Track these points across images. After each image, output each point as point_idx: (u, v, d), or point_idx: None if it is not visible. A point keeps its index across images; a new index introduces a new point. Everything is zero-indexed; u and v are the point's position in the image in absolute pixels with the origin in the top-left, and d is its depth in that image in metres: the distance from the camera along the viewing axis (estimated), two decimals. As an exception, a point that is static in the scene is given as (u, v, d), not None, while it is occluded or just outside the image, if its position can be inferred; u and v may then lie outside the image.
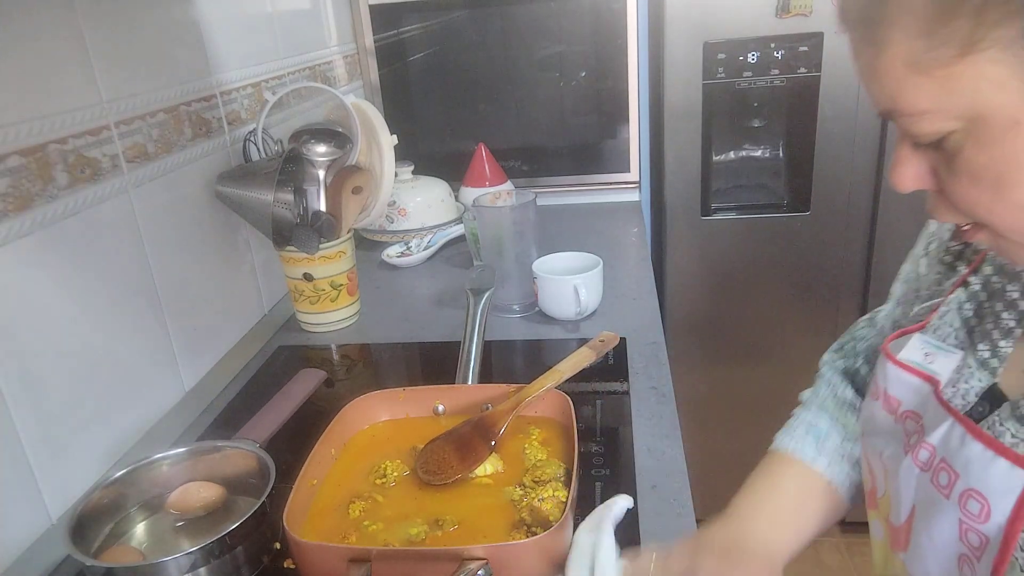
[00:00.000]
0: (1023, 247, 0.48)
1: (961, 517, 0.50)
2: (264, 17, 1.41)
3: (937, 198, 0.50)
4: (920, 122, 0.45)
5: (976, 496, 0.49)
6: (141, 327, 1.01)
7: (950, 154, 0.46)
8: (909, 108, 0.45)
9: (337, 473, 0.82)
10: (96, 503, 0.77)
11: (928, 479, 0.53)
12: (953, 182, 0.47)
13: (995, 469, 0.48)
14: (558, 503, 0.72)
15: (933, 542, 0.53)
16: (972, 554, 0.50)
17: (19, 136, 0.80)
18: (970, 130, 0.44)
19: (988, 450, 0.49)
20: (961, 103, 0.43)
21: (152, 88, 1.03)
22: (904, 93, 0.45)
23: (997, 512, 0.48)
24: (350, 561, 0.64)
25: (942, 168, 0.47)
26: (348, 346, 1.26)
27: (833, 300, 1.87)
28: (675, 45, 1.68)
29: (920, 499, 0.54)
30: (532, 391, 0.86)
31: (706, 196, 1.82)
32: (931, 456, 0.53)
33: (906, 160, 0.49)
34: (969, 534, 0.50)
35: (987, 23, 0.40)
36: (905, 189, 0.50)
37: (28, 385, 0.81)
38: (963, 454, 0.50)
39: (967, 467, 0.50)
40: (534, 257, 1.26)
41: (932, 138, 0.46)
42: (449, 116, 1.93)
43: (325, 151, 1.24)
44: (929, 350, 0.59)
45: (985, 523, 0.48)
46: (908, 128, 0.46)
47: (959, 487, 0.50)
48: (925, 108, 0.44)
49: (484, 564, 0.62)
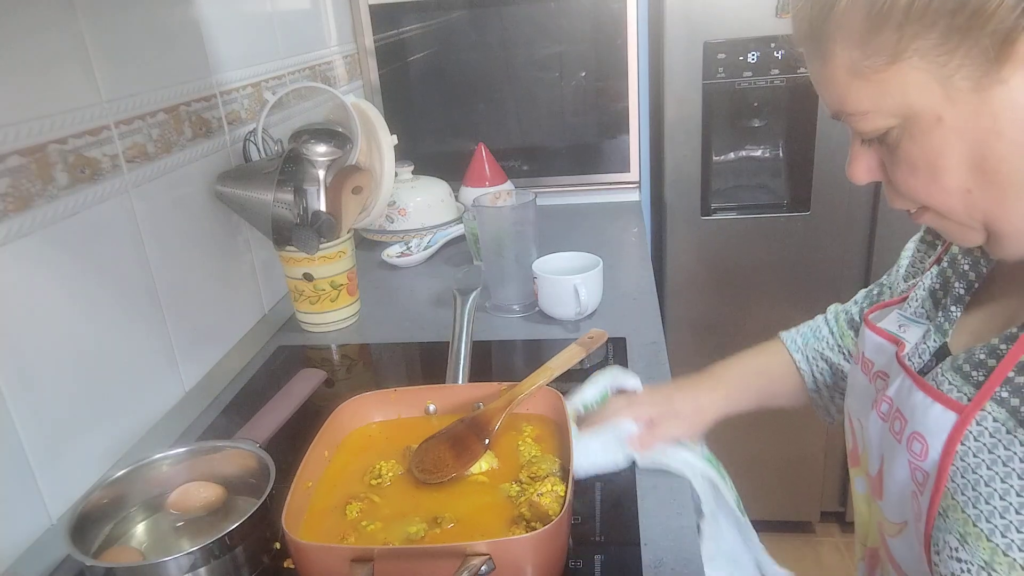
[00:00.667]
0: (961, 226, 0.55)
1: (909, 458, 0.57)
2: (264, 17, 1.41)
3: (888, 188, 0.57)
4: (863, 120, 0.52)
5: (918, 438, 0.57)
6: (141, 327, 1.01)
7: (891, 147, 0.53)
8: (853, 109, 0.52)
9: (332, 474, 0.82)
10: (96, 503, 0.77)
11: (887, 428, 0.62)
12: (895, 172, 0.54)
13: (932, 412, 0.56)
14: (557, 498, 0.73)
15: (896, 484, 0.60)
16: (918, 489, 0.57)
17: (19, 136, 0.80)
18: (905, 126, 0.51)
19: (928, 397, 0.57)
20: (894, 103, 0.50)
21: (152, 88, 1.03)
22: (848, 96, 0.52)
23: (932, 450, 0.55)
24: (352, 561, 0.64)
25: (887, 160, 0.55)
26: (348, 346, 1.26)
27: (833, 300, 1.86)
28: (675, 45, 1.68)
29: (884, 448, 0.62)
30: (524, 388, 0.87)
31: (706, 196, 1.82)
32: (889, 408, 0.62)
33: (858, 156, 0.57)
34: (916, 472, 0.57)
35: (908, 35, 0.47)
36: (859, 181, 0.58)
37: (28, 385, 0.81)
38: (910, 402, 0.58)
39: (912, 413, 0.58)
40: (534, 257, 1.26)
41: (875, 134, 0.53)
42: (449, 116, 1.93)
43: (325, 151, 1.24)
44: (903, 322, 0.67)
45: (925, 460, 0.56)
46: (855, 126, 0.54)
47: (907, 431, 0.58)
48: (866, 108, 0.51)
49: (487, 559, 0.62)
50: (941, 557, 0.53)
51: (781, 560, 0.88)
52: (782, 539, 2.14)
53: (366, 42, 1.88)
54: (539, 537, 0.65)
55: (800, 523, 2.18)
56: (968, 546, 0.51)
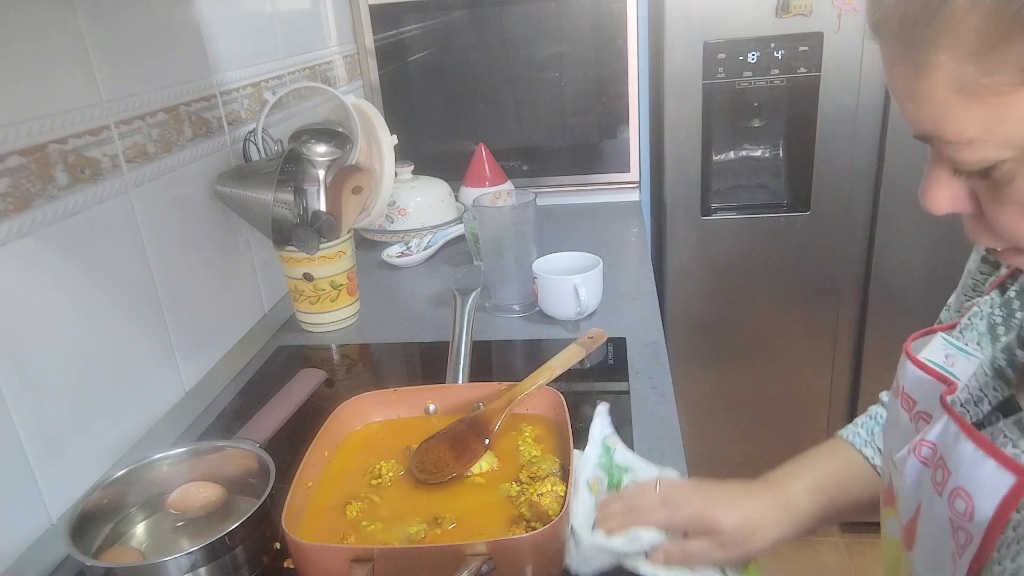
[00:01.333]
0: None
1: (951, 515, 0.49)
2: (264, 17, 1.41)
3: (976, 221, 0.47)
4: (965, 150, 0.42)
5: (962, 495, 0.48)
6: (141, 327, 1.01)
7: (998, 183, 0.43)
8: (954, 135, 0.42)
9: (331, 474, 0.82)
10: (96, 503, 0.77)
11: (929, 475, 0.53)
12: (999, 211, 0.44)
13: (983, 469, 0.47)
14: (557, 498, 0.72)
15: (932, 538, 0.52)
16: (958, 552, 0.49)
17: (19, 136, 0.80)
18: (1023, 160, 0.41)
19: (979, 450, 0.47)
20: (1015, 132, 0.40)
21: (152, 88, 1.03)
22: (949, 119, 0.41)
23: (980, 512, 0.46)
24: (353, 561, 0.64)
25: (985, 195, 0.45)
26: (348, 346, 1.26)
27: (833, 300, 1.87)
28: (675, 45, 1.68)
29: (923, 496, 0.54)
30: (524, 388, 0.87)
31: (706, 196, 1.82)
32: (932, 453, 0.52)
33: (942, 183, 0.46)
34: (959, 532, 0.49)
35: None
36: (939, 212, 0.48)
37: (28, 385, 0.81)
38: (956, 452, 0.49)
39: (959, 465, 0.49)
40: (534, 257, 1.26)
41: (978, 167, 0.42)
42: (449, 116, 1.93)
43: (325, 151, 1.24)
44: (950, 351, 0.57)
45: (970, 522, 0.47)
46: (954, 155, 0.43)
47: (950, 485, 0.49)
48: (973, 136, 0.41)
49: (487, 559, 0.62)
50: None
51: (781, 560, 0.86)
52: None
53: (366, 42, 1.88)
54: (539, 537, 0.65)
55: (800, 523, 2.17)
56: None
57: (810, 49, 1.64)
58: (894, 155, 1.69)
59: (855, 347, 1.90)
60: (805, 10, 1.61)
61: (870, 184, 1.75)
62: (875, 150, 1.71)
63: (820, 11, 1.61)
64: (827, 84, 1.67)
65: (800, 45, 1.65)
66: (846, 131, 1.71)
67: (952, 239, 1.71)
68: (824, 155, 1.73)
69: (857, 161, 1.73)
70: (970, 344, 0.57)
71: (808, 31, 1.63)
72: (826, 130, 1.71)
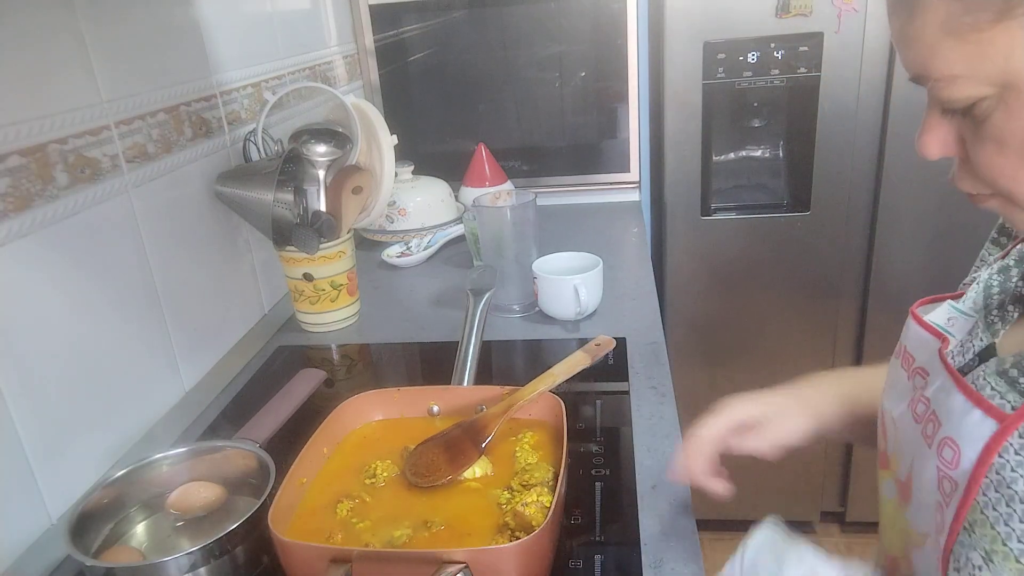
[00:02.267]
0: None
1: (938, 464, 0.53)
2: (264, 17, 1.41)
3: (961, 166, 0.51)
4: (951, 87, 0.46)
5: (950, 443, 0.52)
6: (141, 327, 1.01)
7: (978, 120, 0.46)
8: (941, 72, 0.46)
9: (328, 472, 0.82)
10: (96, 503, 0.77)
11: (920, 430, 0.56)
12: (979, 149, 0.48)
13: (970, 418, 0.51)
14: (541, 508, 0.71)
15: (922, 492, 0.55)
16: (943, 500, 0.52)
17: (19, 136, 0.80)
18: (1001, 96, 0.44)
19: (968, 401, 0.51)
20: (994, 69, 0.44)
21: (152, 88, 1.03)
22: (937, 57, 0.45)
23: (965, 459, 0.50)
24: (331, 561, 0.64)
25: (969, 135, 0.48)
26: (348, 346, 1.26)
27: (833, 300, 1.87)
28: (675, 45, 1.68)
29: (915, 451, 0.57)
30: (525, 394, 0.86)
31: (706, 196, 1.82)
32: (926, 409, 0.56)
33: (934, 127, 0.50)
34: (944, 481, 0.52)
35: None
36: (931, 155, 0.51)
37: (28, 385, 0.81)
38: (947, 405, 0.53)
39: (949, 417, 0.53)
40: (534, 257, 1.26)
41: (962, 104, 0.46)
42: (449, 116, 1.93)
43: (325, 151, 1.24)
44: (953, 315, 0.61)
45: (955, 469, 0.51)
46: (938, 93, 0.47)
47: (939, 435, 0.53)
48: (957, 73, 0.45)
49: (463, 568, 0.62)
50: (961, 575, 0.50)
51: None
52: (782, 539, 2.13)
53: (366, 42, 1.88)
54: (518, 548, 0.64)
55: (800, 523, 2.17)
56: (993, 565, 0.47)
57: (810, 49, 1.64)
58: (894, 155, 1.69)
59: (855, 347, 1.90)
60: (805, 10, 1.61)
61: (870, 184, 1.75)
62: (875, 150, 1.71)
63: (820, 11, 1.61)
64: (827, 84, 1.67)
65: (800, 45, 1.64)
66: (846, 131, 1.71)
67: (952, 239, 1.71)
68: (824, 155, 1.73)
69: (857, 161, 1.73)
70: (968, 307, 0.61)
71: (808, 31, 1.63)
72: (826, 130, 1.71)
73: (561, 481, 0.72)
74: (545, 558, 0.69)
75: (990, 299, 0.60)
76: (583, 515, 0.78)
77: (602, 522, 0.78)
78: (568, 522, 0.77)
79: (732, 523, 2.14)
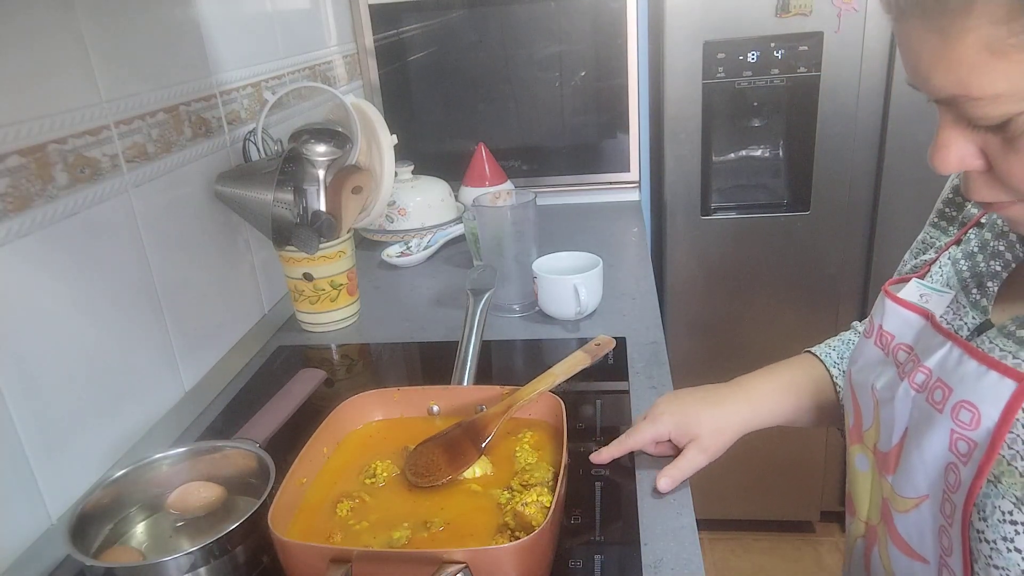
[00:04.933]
0: None
1: (953, 427, 0.55)
2: (264, 17, 1.41)
3: (980, 177, 0.52)
4: (988, 105, 0.46)
5: (967, 406, 0.54)
6: (141, 327, 1.01)
7: (1012, 135, 0.47)
8: (983, 92, 0.46)
9: (329, 472, 0.82)
10: (96, 503, 0.77)
11: (923, 399, 0.59)
12: (1010, 162, 0.49)
13: (986, 380, 0.54)
14: (541, 508, 0.71)
15: (923, 456, 0.58)
16: (959, 460, 0.55)
17: (19, 136, 0.80)
18: None
19: (982, 365, 0.54)
20: None
21: (152, 88, 1.03)
22: (979, 78, 0.46)
23: (986, 418, 0.53)
24: (331, 561, 0.64)
25: (997, 149, 0.49)
26: (348, 346, 1.26)
27: (833, 300, 1.87)
28: (675, 45, 1.68)
29: (913, 419, 0.60)
30: (525, 394, 0.86)
31: (706, 196, 1.82)
32: (927, 378, 0.59)
33: (952, 142, 0.51)
34: (959, 443, 0.55)
35: None
36: (949, 171, 0.52)
37: (28, 385, 0.81)
38: (958, 372, 0.56)
39: (961, 382, 0.55)
40: (534, 257, 1.26)
41: (996, 121, 0.47)
42: (449, 116, 1.93)
43: (325, 151, 1.24)
44: (924, 291, 0.65)
45: (975, 429, 0.54)
46: (972, 111, 0.48)
47: (952, 400, 0.56)
48: (1000, 91, 0.46)
49: (463, 568, 0.62)
50: (990, 523, 0.53)
51: (782, 560, 0.87)
52: (782, 539, 2.14)
53: (366, 42, 1.88)
54: (518, 548, 0.64)
55: (800, 523, 2.17)
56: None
57: (810, 49, 1.65)
58: (894, 155, 1.69)
59: (855, 347, 1.90)
60: (805, 10, 1.61)
61: (870, 184, 1.75)
62: (875, 150, 1.71)
63: (820, 11, 1.61)
64: (827, 84, 1.67)
65: (800, 45, 1.65)
66: (846, 131, 1.71)
67: (952, 239, 1.71)
68: (824, 155, 1.73)
69: (857, 161, 1.73)
70: (939, 283, 0.65)
71: (808, 31, 1.63)
72: (826, 130, 1.71)
73: (561, 481, 0.71)
74: (545, 558, 0.69)
75: (964, 282, 0.64)
76: (583, 515, 0.78)
77: (602, 522, 0.78)
78: (568, 522, 0.77)
79: (732, 523, 2.15)
